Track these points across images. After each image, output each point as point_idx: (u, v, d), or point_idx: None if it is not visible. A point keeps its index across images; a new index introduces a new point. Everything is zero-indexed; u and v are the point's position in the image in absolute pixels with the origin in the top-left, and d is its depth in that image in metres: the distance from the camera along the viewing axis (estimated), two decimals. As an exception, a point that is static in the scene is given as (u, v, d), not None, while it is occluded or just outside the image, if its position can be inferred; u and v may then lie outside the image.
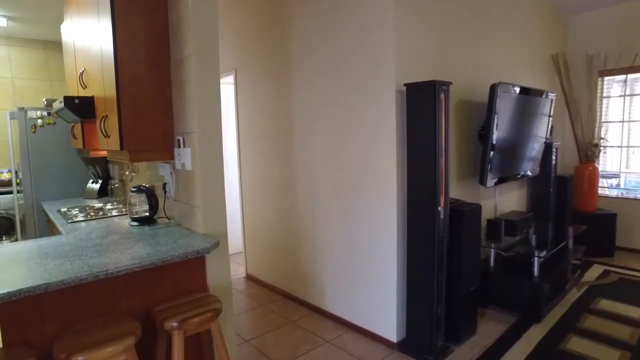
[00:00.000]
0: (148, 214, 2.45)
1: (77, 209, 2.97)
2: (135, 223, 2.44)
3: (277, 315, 3.23)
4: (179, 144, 2.27)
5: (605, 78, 4.50)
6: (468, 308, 2.71)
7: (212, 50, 2.16)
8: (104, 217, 2.69)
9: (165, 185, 2.50)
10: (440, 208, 2.39)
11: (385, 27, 2.47)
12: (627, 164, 4.53)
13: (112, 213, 2.79)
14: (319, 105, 3.00)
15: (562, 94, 4.50)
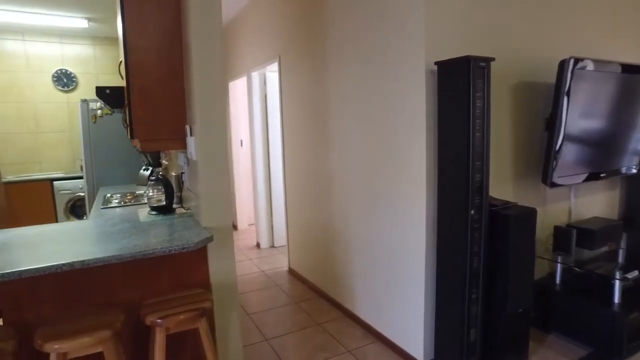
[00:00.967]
0: (164, 204, 2.44)
1: (119, 195, 3.13)
2: (154, 212, 2.45)
3: (305, 315, 3.06)
4: (188, 133, 2.21)
5: None
6: (515, 333, 2.24)
7: (213, 40, 2.04)
8: (134, 204, 2.77)
9: (182, 175, 2.47)
10: (474, 212, 1.98)
11: (417, -4, 2.10)
12: None
13: (144, 200, 2.87)
14: (350, 91, 2.72)
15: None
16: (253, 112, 4.60)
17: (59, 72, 5.04)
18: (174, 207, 2.52)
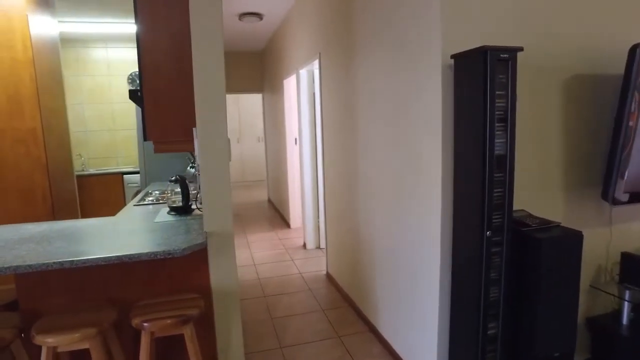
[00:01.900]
0: (181, 204, 2.48)
1: (158, 192, 3.28)
2: (173, 212, 2.50)
3: (328, 326, 2.92)
4: (195, 136, 2.20)
5: None
6: (550, 380, 1.86)
7: (214, 42, 1.99)
8: (163, 203, 2.87)
9: (197, 177, 2.49)
10: (490, 233, 1.66)
11: (435, -20, 1.81)
12: None
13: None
14: (374, 92, 2.50)
15: None
16: (301, 110, 4.54)
17: (133, 74, 5.50)
18: (193, 207, 2.56)
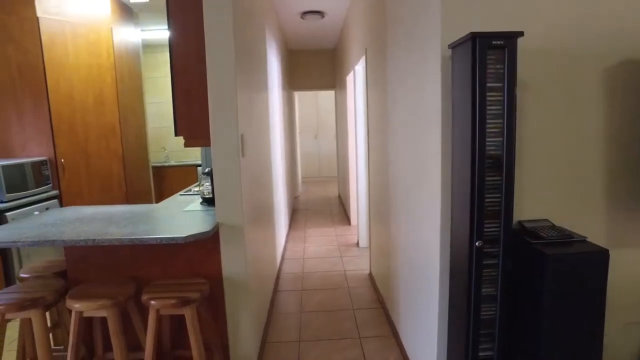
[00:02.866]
0: (210, 196, 2.66)
1: (207, 183, 3.55)
2: (205, 203, 2.70)
3: (352, 325, 2.89)
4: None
5: None
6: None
7: (224, 39, 2.11)
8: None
9: (225, 171, 2.64)
10: (479, 244, 1.49)
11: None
12: None
13: (216, 191, 3.19)
14: (394, 87, 2.39)
15: None
16: (357, 107, 4.50)
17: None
18: (222, 199, 2.72)
